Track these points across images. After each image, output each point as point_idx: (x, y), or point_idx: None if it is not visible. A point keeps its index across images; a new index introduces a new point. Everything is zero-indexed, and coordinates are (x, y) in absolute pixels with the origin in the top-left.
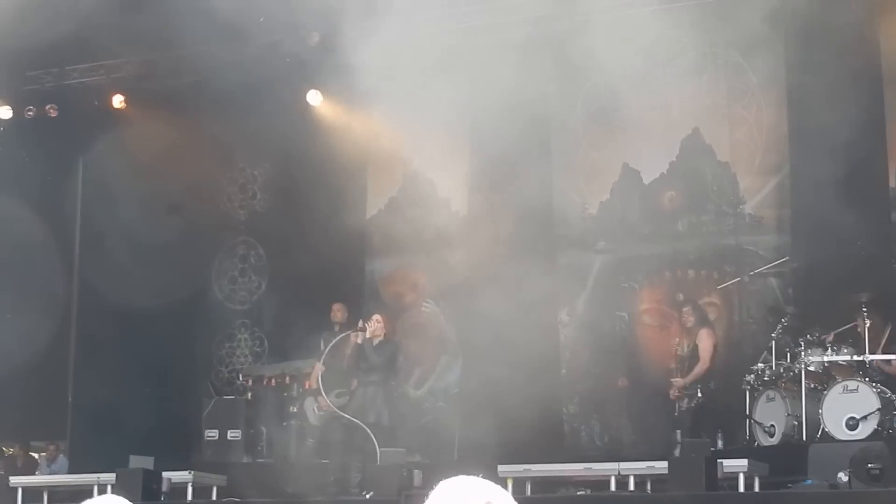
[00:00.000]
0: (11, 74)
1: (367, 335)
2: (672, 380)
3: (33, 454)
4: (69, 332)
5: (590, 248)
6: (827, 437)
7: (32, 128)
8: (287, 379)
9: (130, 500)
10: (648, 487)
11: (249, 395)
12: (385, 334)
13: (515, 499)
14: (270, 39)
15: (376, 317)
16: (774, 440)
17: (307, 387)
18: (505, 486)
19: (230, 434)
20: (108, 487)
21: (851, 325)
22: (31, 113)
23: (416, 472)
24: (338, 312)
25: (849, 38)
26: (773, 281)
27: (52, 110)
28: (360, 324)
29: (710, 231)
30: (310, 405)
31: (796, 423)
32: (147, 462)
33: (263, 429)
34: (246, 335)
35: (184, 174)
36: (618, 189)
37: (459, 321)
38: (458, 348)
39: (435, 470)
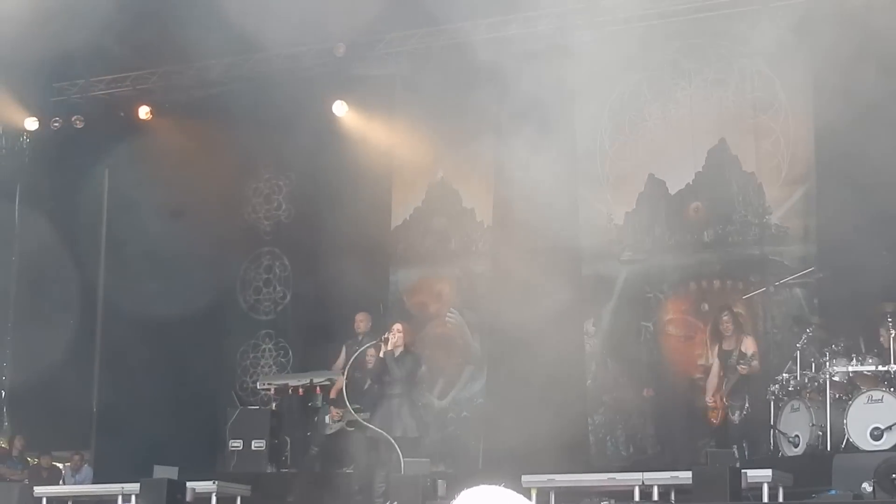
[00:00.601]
0: (38, 86)
1: (389, 347)
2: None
3: (57, 464)
4: (94, 341)
5: (615, 259)
6: (851, 448)
7: (59, 139)
8: (315, 389)
9: None
10: (672, 498)
11: (274, 405)
12: (406, 345)
13: None
14: (296, 51)
15: (397, 326)
16: (799, 450)
17: (332, 396)
18: (529, 497)
19: (254, 444)
20: (133, 497)
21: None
22: (57, 124)
23: (440, 482)
24: (361, 323)
25: (874, 48)
26: (798, 291)
27: (78, 122)
28: (385, 335)
29: (735, 241)
30: (323, 413)
31: (821, 433)
32: (171, 472)
33: (287, 439)
34: (270, 345)
35: (209, 185)
36: (643, 199)
37: (484, 331)
38: (483, 358)
39: (459, 480)
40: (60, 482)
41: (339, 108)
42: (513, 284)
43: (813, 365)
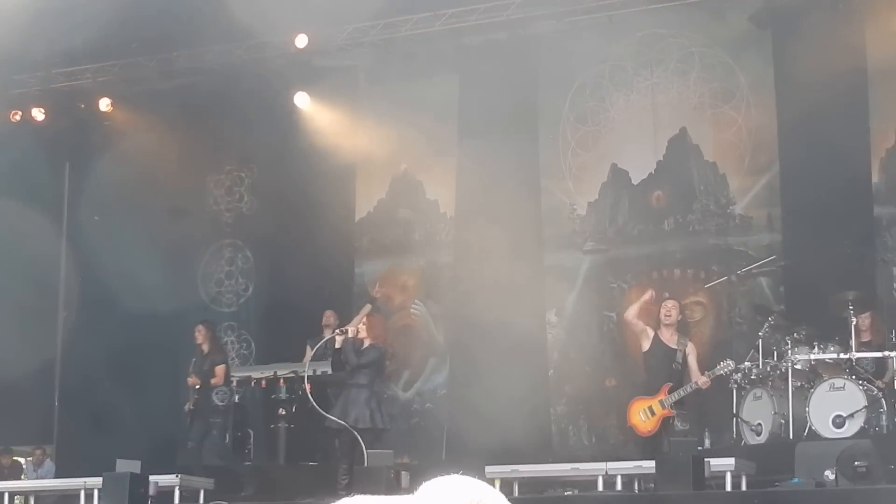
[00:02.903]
0: None
1: (350, 335)
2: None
3: (19, 459)
4: (55, 335)
5: (578, 249)
6: (814, 436)
7: (19, 131)
8: (279, 382)
9: None
10: (636, 487)
11: (237, 397)
12: (372, 336)
13: None
14: (257, 42)
15: (364, 318)
16: (761, 439)
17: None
18: (492, 487)
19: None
20: (95, 492)
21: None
22: (17, 117)
23: (403, 473)
24: (330, 318)
25: (835, 38)
26: (762, 280)
27: (38, 114)
28: (343, 328)
29: (696, 230)
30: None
31: (783, 421)
32: (134, 466)
33: (251, 431)
34: (233, 337)
35: (170, 177)
36: (606, 189)
37: (448, 322)
38: (446, 350)
39: (423, 471)
40: (22, 477)
41: (302, 100)
42: (475, 275)
43: (775, 353)
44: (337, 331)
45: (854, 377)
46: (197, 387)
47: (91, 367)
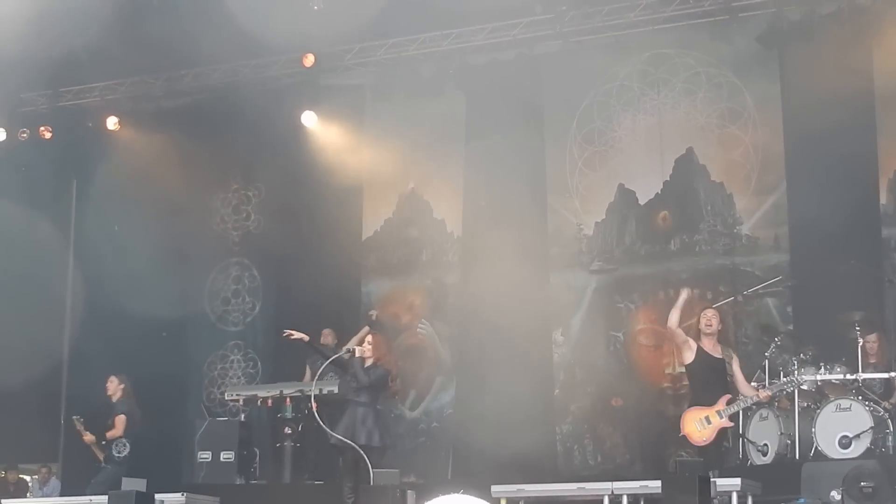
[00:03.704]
0: (5, 97)
1: (357, 355)
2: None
3: (25, 477)
4: (61, 352)
5: (585, 269)
6: (820, 456)
7: (27, 150)
8: (285, 401)
9: None
10: None
11: (243, 416)
12: (377, 357)
13: None
14: (265, 61)
15: (368, 337)
16: (767, 459)
17: (315, 408)
18: None
19: (223, 455)
20: None
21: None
22: (25, 135)
23: (409, 492)
24: (328, 337)
25: (842, 58)
26: (769, 300)
27: (46, 132)
28: (351, 347)
29: (703, 251)
30: None
31: (789, 441)
32: (139, 484)
33: (257, 450)
34: (239, 356)
35: (178, 195)
36: (613, 209)
37: (454, 342)
38: (453, 369)
39: (429, 490)
40: (28, 495)
41: (309, 119)
42: (482, 294)
43: (781, 373)
44: (345, 349)
45: (860, 398)
46: (99, 442)
47: (97, 386)
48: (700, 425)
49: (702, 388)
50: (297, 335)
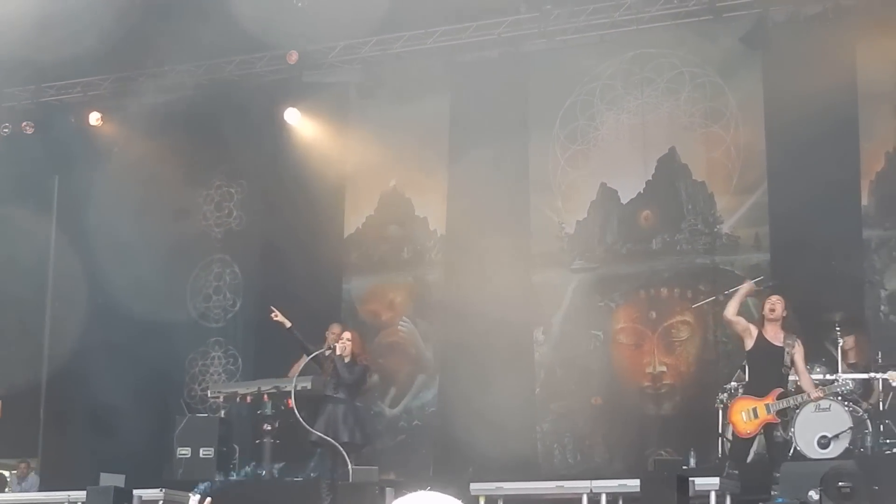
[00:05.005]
0: None
1: (338, 353)
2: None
3: (3, 472)
4: (41, 348)
5: (566, 267)
6: (799, 456)
7: (8, 145)
8: (263, 397)
9: None
10: None
11: (223, 412)
12: (353, 354)
13: None
14: (248, 58)
15: (346, 334)
16: (747, 458)
17: (291, 404)
18: None
19: (202, 452)
20: None
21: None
22: (6, 130)
23: (388, 490)
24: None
25: (826, 60)
26: (749, 300)
27: (28, 127)
28: (333, 343)
29: (684, 250)
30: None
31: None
32: (118, 480)
33: (236, 447)
34: (220, 353)
35: (160, 192)
36: (595, 208)
37: (437, 340)
38: (436, 367)
39: (408, 488)
40: (6, 490)
41: (292, 116)
42: (465, 293)
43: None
44: (326, 346)
45: (840, 398)
46: None
47: (76, 382)
48: (747, 416)
49: (756, 376)
50: (280, 318)
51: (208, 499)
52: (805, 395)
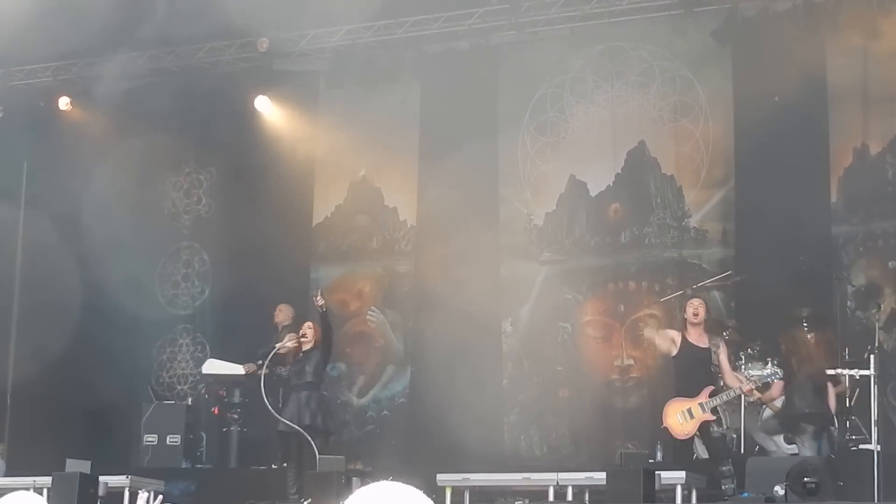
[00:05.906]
0: None
1: (304, 349)
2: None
3: None
4: (9, 333)
5: (534, 259)
6: (764, 451)
7: None
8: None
9: None
10: (587, 498)
11: (189, 400)
12: (315, 341)
13: None
14: (219, 45)
15: (308, 323)
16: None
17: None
18: (444, 495)
19: (169, 439)
20: (45, 491)
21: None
22: None
23: (354, 479)
24: (282, 313)
25: (795, 56)
26: (716, 294)
27: None
28: (293, 335)
29: (652, 243)
30: None
31: (735, 436)
32: (84, 466)
33: (203, 434)
34: (188, 340)
35: (129, 178)
36: (564, 200)
37: (408, 331)
38: (406, 358)
39: (375, 478)
40: None
41: (262, 104)
42: (435, 284)
43: (743, 367)
44: (289, 336)
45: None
46: None
47: (44, 367)
48: (682, 417)
49: (685, 379)
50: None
51: (160, 496)
52: (737, 388)
